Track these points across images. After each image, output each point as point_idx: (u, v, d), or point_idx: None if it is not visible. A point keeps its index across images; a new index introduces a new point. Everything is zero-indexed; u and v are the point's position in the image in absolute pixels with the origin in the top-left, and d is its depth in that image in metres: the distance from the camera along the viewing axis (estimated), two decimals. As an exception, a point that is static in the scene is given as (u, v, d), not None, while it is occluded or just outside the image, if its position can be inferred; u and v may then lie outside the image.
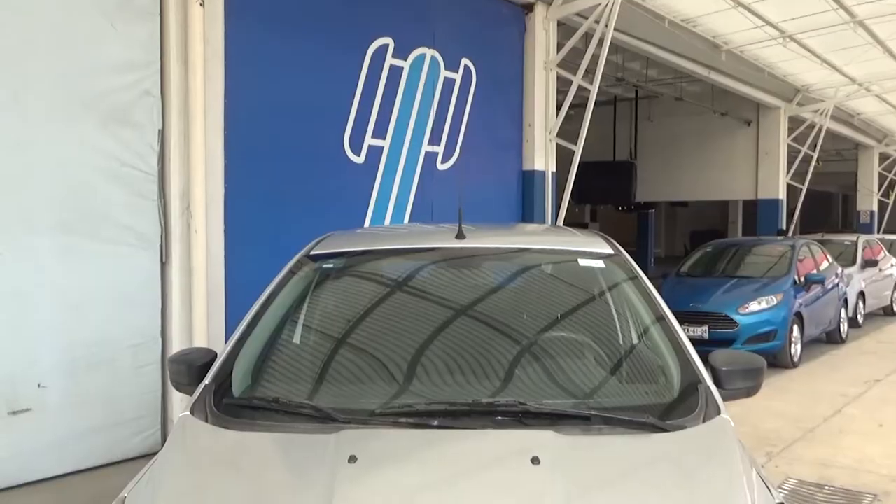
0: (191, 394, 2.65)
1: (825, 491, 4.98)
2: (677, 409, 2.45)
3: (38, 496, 4.72)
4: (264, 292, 3.04)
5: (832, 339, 11.04)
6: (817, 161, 15.88)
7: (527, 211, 8.93)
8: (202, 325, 5.56)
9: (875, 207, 21.65)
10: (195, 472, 2.21)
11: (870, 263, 13.25)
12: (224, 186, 5.83)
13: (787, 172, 15.97)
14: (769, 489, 2.12)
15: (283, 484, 2.12)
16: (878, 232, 20.03)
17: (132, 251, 5.36)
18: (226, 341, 2.92)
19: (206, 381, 2.62)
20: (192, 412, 2.49)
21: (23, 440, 4.84)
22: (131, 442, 5.33)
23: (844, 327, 11.32)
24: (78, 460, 5.08)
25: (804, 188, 15.82)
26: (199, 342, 5.44)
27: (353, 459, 2.10)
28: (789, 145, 15.81)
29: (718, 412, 2.42)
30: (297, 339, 3.04)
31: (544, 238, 3.92)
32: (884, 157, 21.61)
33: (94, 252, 5.15)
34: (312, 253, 3.21)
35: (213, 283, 5.71)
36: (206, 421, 2.43)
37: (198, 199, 5.57)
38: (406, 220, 7.60)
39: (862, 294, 12.78)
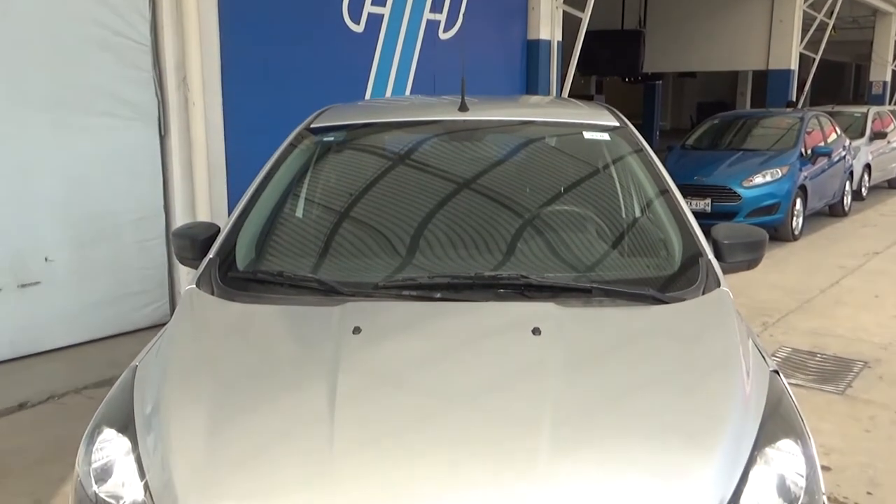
0: (195, 267, 2.67)
1: (817, 359, 5.12)
2: (678, 281, 2.47)
3: (53, 364, 4.88)
4: (265, 166, 3.00)
5: (835, 211, 11.05)
6: (832, 29, 15.34)
7: (531, 82, 8.72)
8: (204, 198, 5.56)
9: (888, 78, 21.08)
10: (203, 343, 2.26)
11: (878, 135, 13.06)
12: (220, 57, 5.67)
13: (801, 42, 15.46)
14: (764, 358, 2.17)
15: (290, 354, 2.17)
16: (890, 103, 19.63)
17: (129, 124, 5.28)
18: (229, 215, 2.92)
19: (211, 254, 2.64)
20: (197, 285, 2.52)
21: (34, 312, 4.96)
22: (140, 313, 5.45)
23: (848, 200, 11.31)
24: (89, 331, 5.22)
25: (817, 58, 15.38)
26: (202, 216, 5.46)
27: (357, 331, 2.14)
28: (805, 12, 15.22)
29: (718, 284, 2.44)
30: (299, 212, 3.03)
31: (549, 110, 3.84)
32: (901, 25, 20.87)
33: (90, 126, 5.08)
34: (313, 126, 3.15)
35: (214, 156, 5.66)
36: (213, 294, 2.46)
37: (194, 71, 5.42)
38: (407, 92, 7.44)
39: (868, 167, 12.68)
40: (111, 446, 1.84)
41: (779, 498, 1.69)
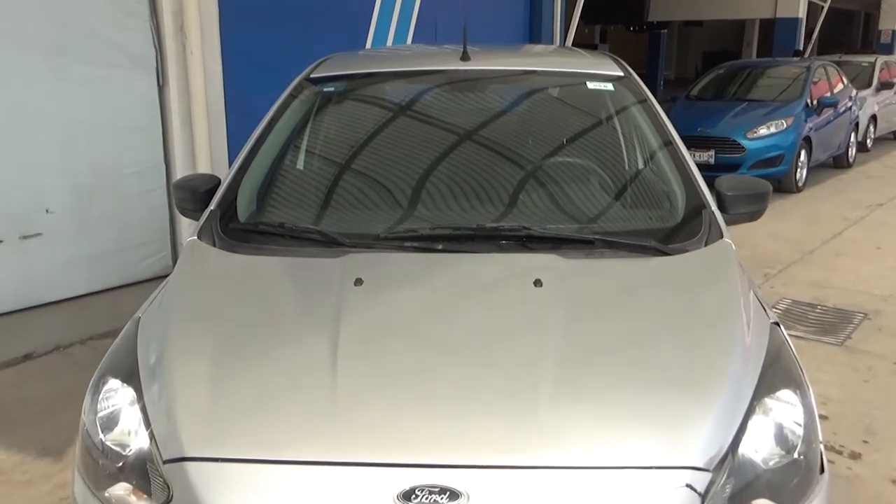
0: (197, 219, 2.67)
1: (817, 310, 5.14)
2: (680, 233, 2.46)
3: (56, 316, 4.92)
4: (265, 117, 2.97)
5: (839, 163, 10.97)
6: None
7: (534, 31, 8.58)
8: (204, 149, 5.52)
9: (897, 26, 20.75)
10: (205, 294, 2.27)
11: (885, 86, 12.89)
12: (218, 5, 5.57)
13: (810, -12, 15.17)
14: (765, 309, 2.18)
15: (292, 306, 2.18)
16: (898, 53, 19.32)
17: (126, 73, 5.21)
18: (229, 166, 2.90)
19: (212, 206, 2.63)
20: (199, 237, 2.52)
21: (37, 263, 4.97)
22: (143, 265, 5.46)
23: (852, 151, 11.22)
24: (92, 283, 5.24)
25: (825, 6, 15.10)
26: (203, 167, 5.43)
27: (359, 282, 2.14)
28: (814, -42, 14.92)
29: (721, 236, 2.43)
30: (300, 164, 3.01)
31: (552, 60, 3.78)
32: (913, -29, 20.43)
33: (88, 75, 5.01)
34: (313, 76, 3.11)
35: (213, 106, 5.61)
36: (214, 245, 2.46)
37: (191, 19, 5.33)
38: (409, 41, 7.33)
39: (874, 118, 12.54)
40: (116, 396, 1.86)
41: (776, 446, 1.71)
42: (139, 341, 2.03)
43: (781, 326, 2.13)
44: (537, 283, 2.11)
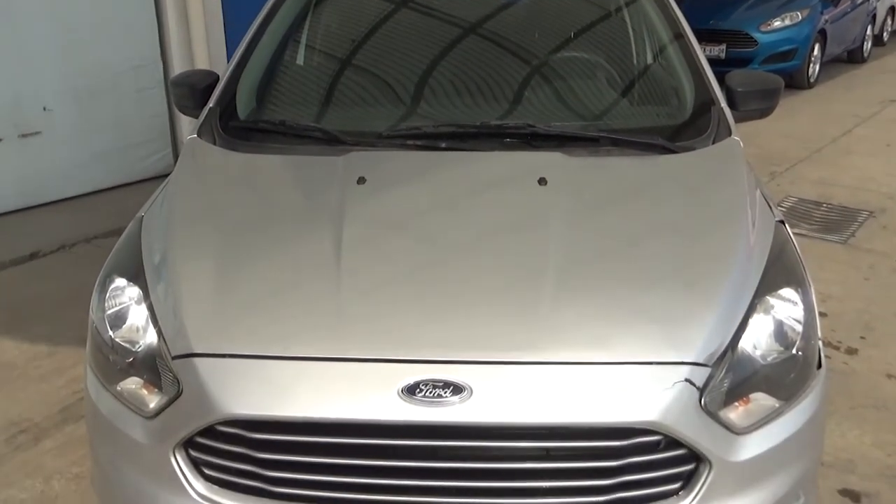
0: (196, 117, 2.62)
1: (823, 208, 5.13)
2: (688, 130, 2.42)
3: (60, 215, 4.93)
4: (262, 10, 2.88)
5: (853, 58, 10.69)
6: None
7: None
8: (202, 45, 5.38)
9: None
10: (207, 193, 2.25)
11: (906, -25, 12.42)
12: None
13: None
14: (770, 207, 2.16)
15: (295, 204, 2.17)
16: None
17: (120, -35, 5.04)
18: (227, 62, 2.83)
19: (211, 104, 2.58)
20: (199, 135, 2.49)
21: (37, 162, 4.95)
22: (143, 164, 5.43)
23: (868, 45, 10.91)
24: (94, 182, 5.23)
25: None
26: (201, 64, 5.31)
27: (361, 181, 2.12)
28: None
29: (729, 133, 2.39)
30: (300, 60, 2.94)
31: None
32: None
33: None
34: (310, -35, 2.98)
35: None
36: (214, 144, 2.43)
37: None
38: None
39: (892, 9, 12.14)
40: (123, 294, 1.87)
41: (776, 343, 1.73)
42: (143, 240, 2.03)
43: (787, 224, 2.12)
44: (542, 181, 2.09)
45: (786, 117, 7.24)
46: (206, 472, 1.63)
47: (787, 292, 1.82)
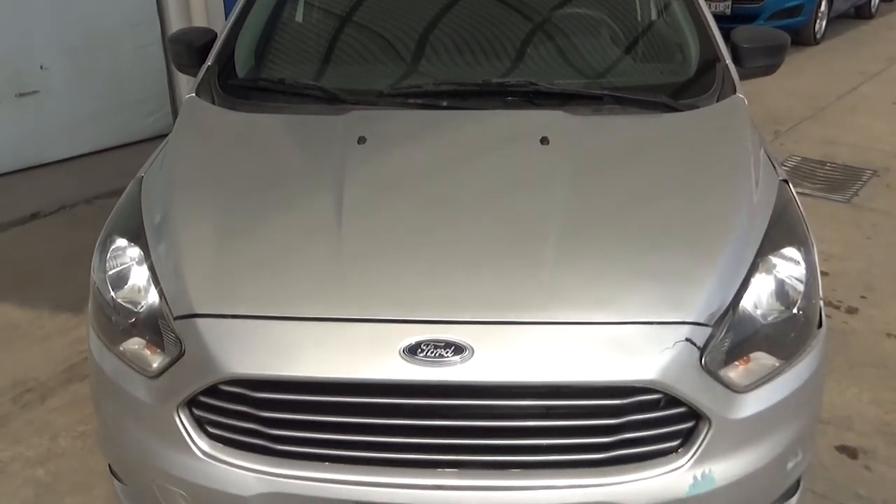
0: (194, 75, 2.60)
1: (826, 167, 5.10)
2: (692, 88, 2.39)
3: (59, 176, 4.91)
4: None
5: (861, 13, 10.52)
6: None
7: None
8: (199, 1, 5.31)
9: None
10: (207, 153, 2.24)
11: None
12: None
13: None
14: (774, 167, 2.14)
15: (295, 165, 2.15)
16: None
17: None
18: (225, 19, 2.79)
19: (209, 62, 2.56)
20: (197, 94, 2.46)
21: (36, 122, 4.92)
22: (142, 123, 5.40)
23: (876, 1, 10.73)
24: (92, 142, 5.20)
25: None
26: (198, 21, 5.24)
27: (362, 140, 2.11)
28: None
29: (734, 91, 2.36)
30: (299, 17, 2.90)
31: None
32: None
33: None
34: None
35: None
36: (213, 103, 2.40)
37: None
38: None
39: (901, -36, 11.91)
40: (124, 255, 1.87)
41: (777, 302, 1.73)
42: (143, 201, 2.02)
43: (790, 184, 2.11)
44: (544, 140, 2.07)
45: (791, 75, 7.15)
46: (210, 430, 1.65)
47: (789, 251, 1.81)
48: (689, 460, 1.59)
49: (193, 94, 2.47)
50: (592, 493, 1.55)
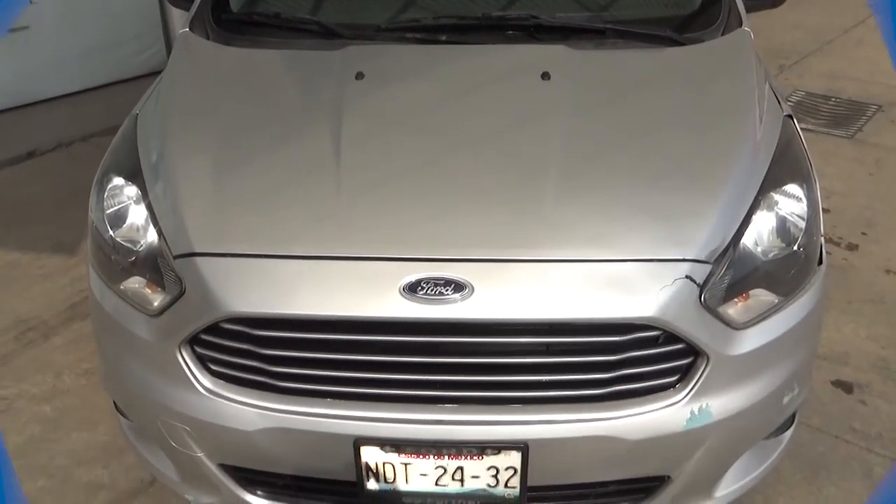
0: (187, 9, 2.54)
1: (831, 102, 5.03)
2: (697, 21, 2.33)
3: (54, 113, 4.85)
4: None
5: (870, -57, 10.25)
6: None
7: None
8: (191, -68, 5.15)
9: None
10: (202, 89, 2.20)
11: None
12: None
13: None
14: (779, 102, 2.11)
15: (292, 101, 2.12)
16: None
17: None
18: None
19: (202, -6, 2.49)
20: (191, 28, 2.41)
21: (28, 59, 4.84)
22: (136, 60, 5.31)
23: (886, -71, 10.44)
24: (86, 79, 5.13)
25: None
26: (190, -48, 5.10)
27: (360, 76, 2.07)
28: None
29: (739, 24, 2.31)
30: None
31: None
32: None
33: None
34: None
35: None
36: (208, 38, 2.36)
37: None
38: None
39: None
40: (121, 194, 1.86)
41: (778, 239, 1.73)
42: (139, 139, 2.00)
43: (794, 119, 2.08)
44: (545, 75, 2.04)
45: (797, 7, 6.97)
46: (212, 367, 1.66)
47: (791, 188, 1.80)
48: (686, 395, 1.60)
49: (187, 29, 2.41)
50: (592, 428, 1.57)
